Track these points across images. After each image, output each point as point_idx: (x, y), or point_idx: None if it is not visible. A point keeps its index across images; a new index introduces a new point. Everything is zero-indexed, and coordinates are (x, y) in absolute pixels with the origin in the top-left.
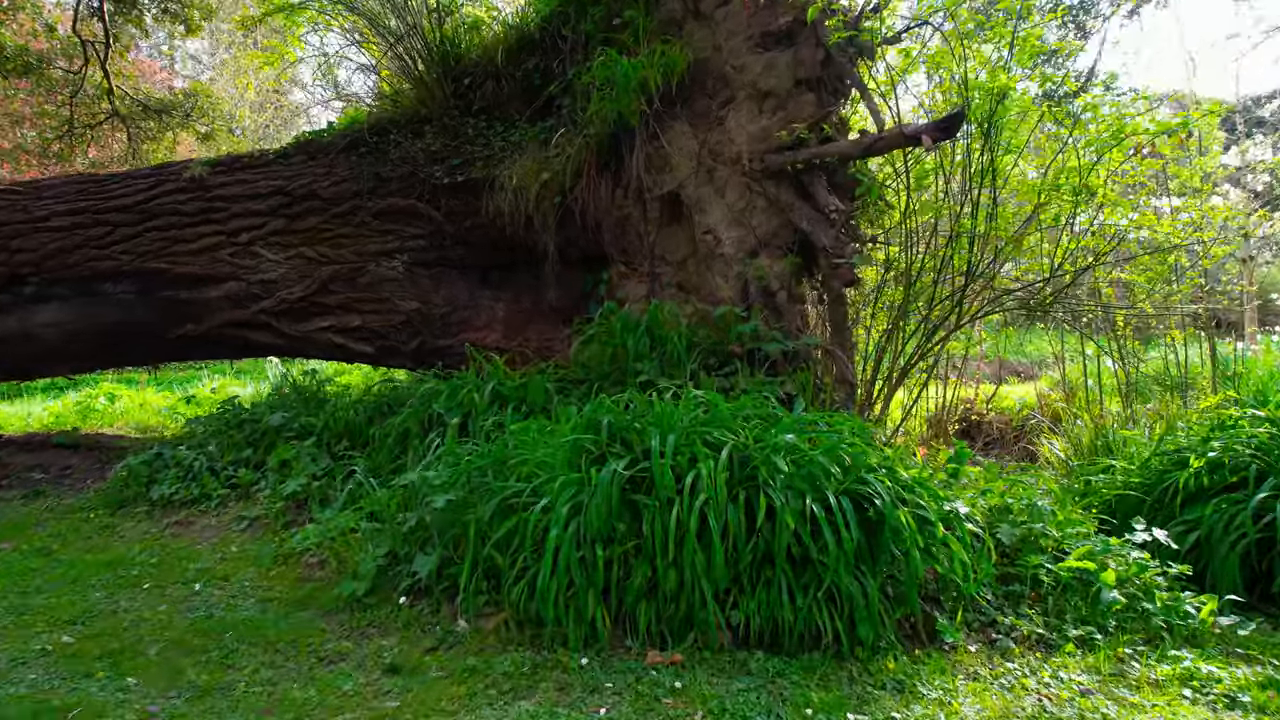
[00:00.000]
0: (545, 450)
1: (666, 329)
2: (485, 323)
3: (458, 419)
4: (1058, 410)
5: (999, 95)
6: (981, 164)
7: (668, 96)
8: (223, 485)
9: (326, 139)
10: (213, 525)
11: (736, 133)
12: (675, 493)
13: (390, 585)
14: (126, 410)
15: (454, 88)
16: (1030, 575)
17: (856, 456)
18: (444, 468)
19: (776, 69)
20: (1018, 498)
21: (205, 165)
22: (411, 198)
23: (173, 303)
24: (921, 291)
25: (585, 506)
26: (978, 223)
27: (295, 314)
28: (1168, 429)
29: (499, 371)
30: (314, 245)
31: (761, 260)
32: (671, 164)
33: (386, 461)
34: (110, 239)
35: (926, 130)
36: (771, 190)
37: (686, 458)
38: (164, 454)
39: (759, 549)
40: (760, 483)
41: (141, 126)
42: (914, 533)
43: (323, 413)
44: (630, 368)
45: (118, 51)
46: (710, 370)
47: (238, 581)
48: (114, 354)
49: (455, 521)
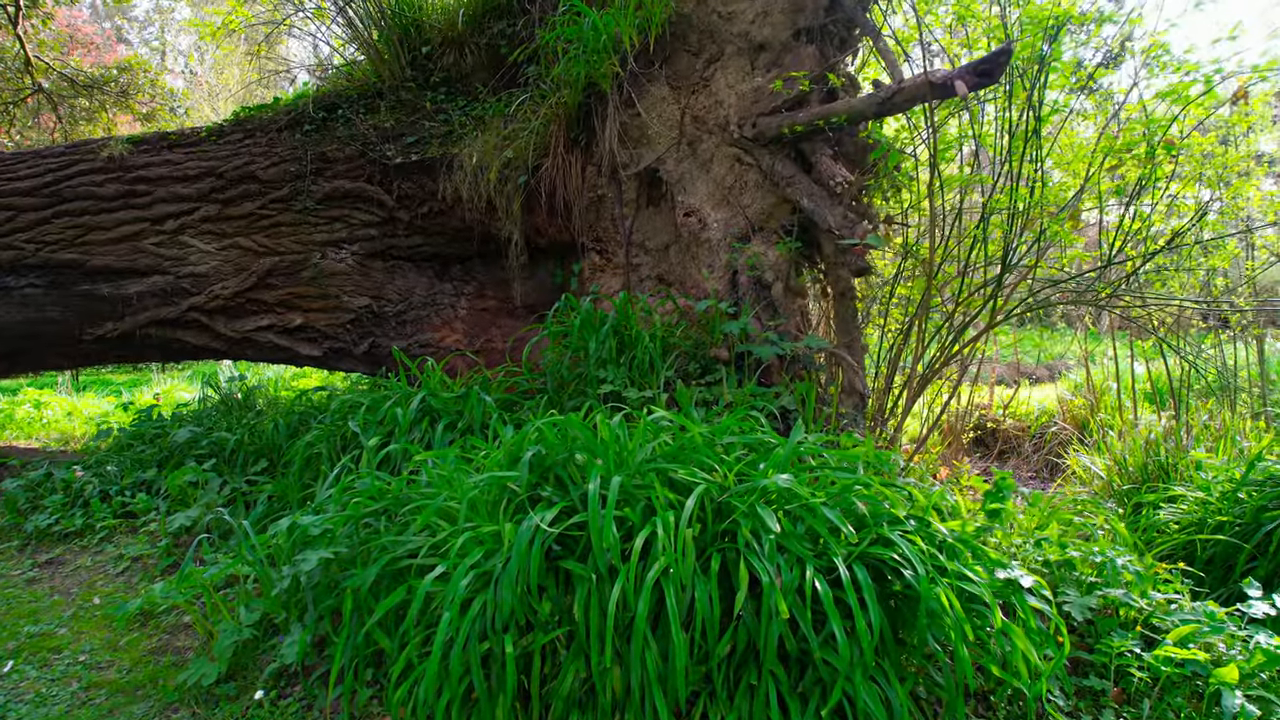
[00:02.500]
0: (459, 488)
1: (637, 328)
2: (444, 321)
3: (376, 439)
4: (1081, 417)
5: (1054, 28)
6: (1026, 125)
7: (645, 55)
8: (114, 514)
9: (268, 115)
10: (86, 566)
11: (724, 94)
12: (621, 558)
13: (257, 665)
14: (53, 420)
15: (411, 58)
16: (1114, 664)
17: (875, 505)
18: (332, 506)
19: (771, 16)
20: (1082, 547)
21: (126, 143)
22: (360, 180)
23: (90, 298)
24: (946, 282)
25: (496, 577)
26: (1018, 196)
27: (231, 311)
28: (1256, 453)
29: (433, 381)
30: (250, 234)
31: (754, 246)
32: (649, 135)
33: (295, 489)
34: (11, 225)
35: (961, 75)
36: (766, 161)
37: (640, 506)
38: (54, 475)
39: (739, 641)
40: (741, 545)
41: (74, 105)
42: (960, 619)
43: (240, 427)
44: (592, 375)
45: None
46: (690, 378)
47: (73, 653)
48: (21, 358)
49: (334, 587)
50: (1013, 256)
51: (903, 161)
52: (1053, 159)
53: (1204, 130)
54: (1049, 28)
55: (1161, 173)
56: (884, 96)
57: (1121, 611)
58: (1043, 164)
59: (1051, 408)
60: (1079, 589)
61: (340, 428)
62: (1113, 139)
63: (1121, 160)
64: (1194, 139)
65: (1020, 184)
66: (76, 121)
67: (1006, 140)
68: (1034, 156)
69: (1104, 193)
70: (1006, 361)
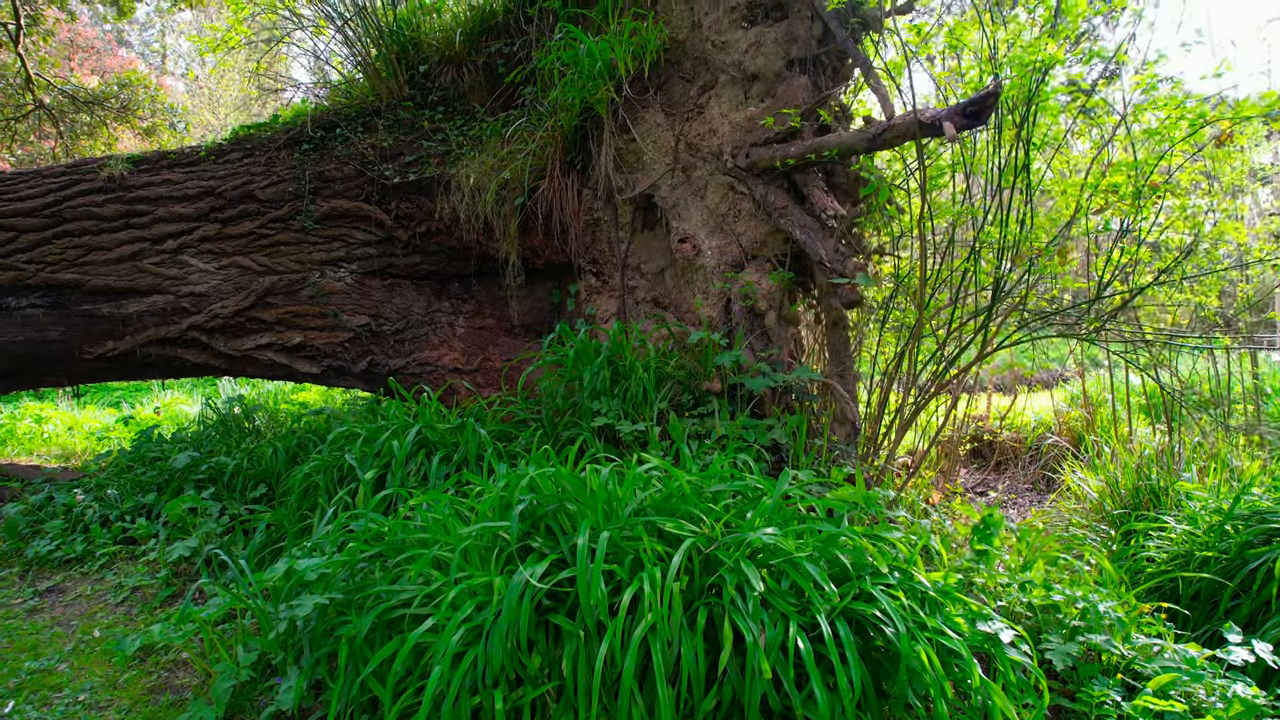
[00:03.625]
0: (453, 534)
1: (632, 358)
2: (442, 340)
3: (373, 473)
4: (1077, 430)
5: (1041, 71)
6: (1015, 159)
7: (640, 81)
8: (114, 540)
9: (266, 134)
10: (87, 596)
11: (718, 123)
12: (609, 613)
13: (254, 708)
14: (53, 434)
15: (409, 76)
16: (1094, 714)
17: (858, 558)
18: (329, 546)
19: (764, 46)
20: (1066, 588)
21: (126, 163)
22: (358, 200)
23: (90, 318)
24: (938, 310)
25: (487, 632)
26: (1008, 230)
27: (230, 330)
28: (1243, 486)
29: (429, 413)
30: (250, 253)
31: (748, 274)
32: (644, 161)
33: (293, 520)
34: (13, 246)
35: (949, 116)
36: (759, 191)
37: (629, 559)
38: (55, 498)
39: (724, 696)
40: (726, 601)
41: (74, 120)
42: (940, 677)
43: (239, 451)
44: (586, 407)
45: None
46: (683, 409)
47: (74, 691)
48: (23, 376)
49: (330, 632)
50: (1003, 289)
51: (894, 194)
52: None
53: (1190, 163)
54: (1036, 70)
55: (1147, 212)
56: (874, 133)
57: (1104, 657)
58: (1032, 198)
59: (1048, 419)
60: (1062, 634)
61: (337, 459)
62: (1100, 176)
63: (1108, 201)
64: (1181, 179)
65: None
66: (78, 136)
67: (997, 175)
68: (1024, 189)
69: (1091, 229)
70: (1006, 370)
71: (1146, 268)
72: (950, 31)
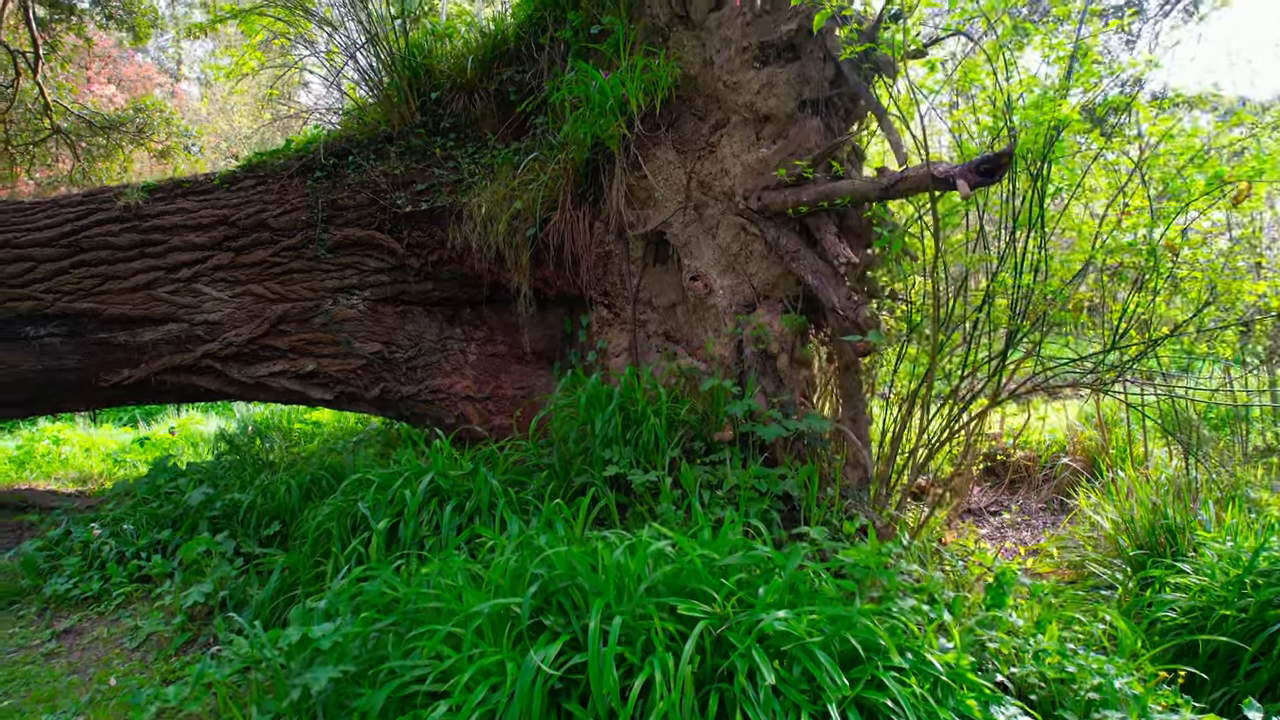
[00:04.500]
0: (467, 603)
1: (643, 403)
2: (454, 368)
3: (386, 522)
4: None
5: (1054, 129)
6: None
7: (651, 118)
8: (130, 578)
9: (279, 161)
10: (103, 639)
11: (730, 163)
12: (621, 698)
13: None
14: (71, 456)
15: (421, 103)
16: None
17: (869, 638)
18: (342, 607)
19: (776, 88)
20: (1081, 659)
21: (142, 191)
22: (371, 228)
23: (106, 347)
24: (952, 350)
25: (500, 717)
26: (1021, 280)
27: (244, 358)
28: (1262, 540)
29: (441, 459)
30: (263, 281)
31: (759, 315)
32: (656, 197)
33: (307, 566)
34: (31, 276)
35: (963, 173)
36: (771, 233)
37: (641, 640)
38: (73, 533)
39: None
40: (738, 690)
41: (90, 144)
42: None
43: (253, 488)
44: (598, 455)
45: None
46: (694, 456)
47: None
48: (41, 403)
49: (344, 704)
50: (1016, 338)
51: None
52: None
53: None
54: (1050, 128)
55: (1164, 268)
56: (888, 183)
57: None
58: (1046, 244)
59: (1062, 439)
60: (1076, 710)
61: (351, 506)
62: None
63: (1122, 263)
64: (1193, 242)
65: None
66: (95, 159)
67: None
68: (1039, 236)
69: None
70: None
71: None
72: (963, 74)
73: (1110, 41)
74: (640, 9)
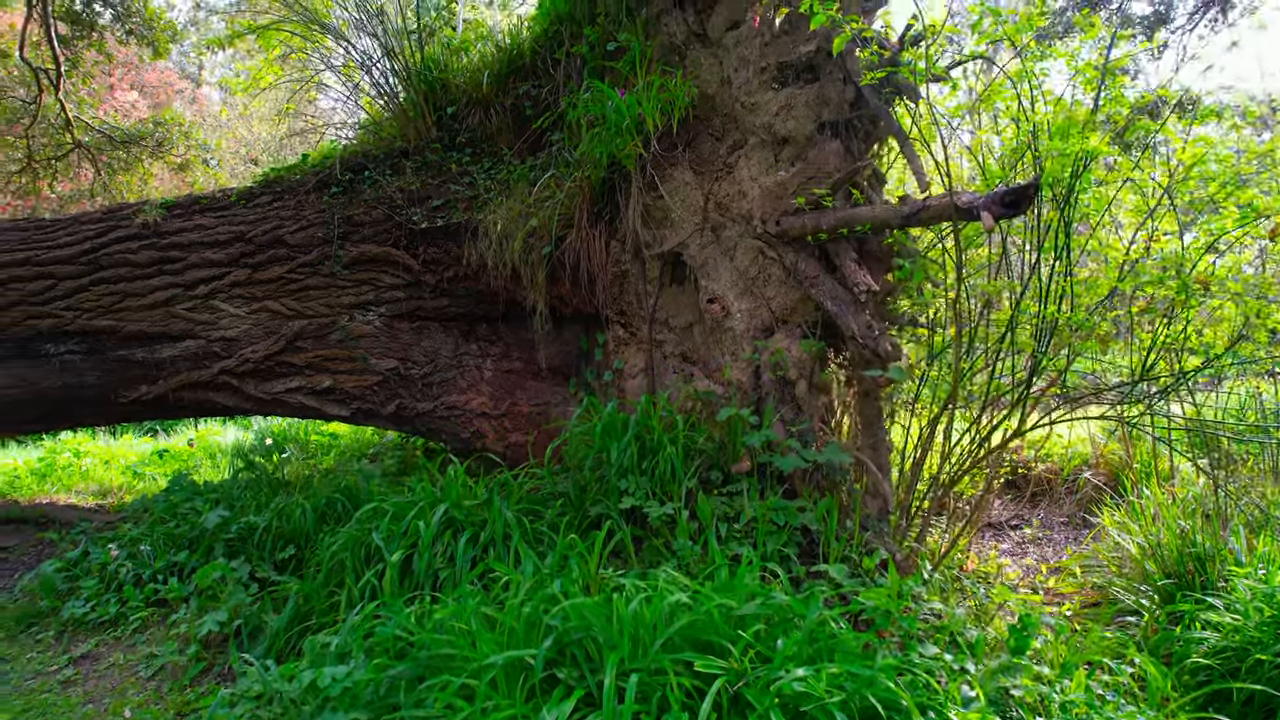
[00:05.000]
0: (481, 649)
1: (659, 431)
2: (470, 384)
3: (399, 554)
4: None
5: (1081, 162)
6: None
7: (668, 137)
8: (146, 602)
9: (296, 177)
10: (119, 666)
11: (748, 185)
12: None
13: None
14: (91, 469)
15: (437, 117)
16: None
17: (890, 700)
18: (355, 646)
19: (795, 109)
20: (1109, 713)
21: (160, 208)
22: (386, 245)
23: (125, 363)
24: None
25: None
26: (1047, 310)
27: (261, 374)
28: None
29: (456, 488)
30: (279, 297)
31: (778, 339)
32: (672, 218)
33: (321, 596)
34: (52, 294)
35: (987, 204)
36: (789, 258)
37: (656, 699)
38: (90, 554)
39: None
40: None
41: (111, 157)
42: None
43: (268, 510)
44: (614, 485)
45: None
46: (711, 486)
47: None
48: (61, 418)
49: None
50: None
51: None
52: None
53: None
54: (1077, 161)
55: (1195, 303)
56: (909, 211)
57: None
58: (1072, 271)
59: (1084, 451)
60: None
61: (365, 536)
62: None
63: (1151, 298)
64: (1221, 275)
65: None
66: (115, 172)
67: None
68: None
69: (1134, 313)
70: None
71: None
72: (985, 95)
73: (1139, 56)
74: (657, 26)
